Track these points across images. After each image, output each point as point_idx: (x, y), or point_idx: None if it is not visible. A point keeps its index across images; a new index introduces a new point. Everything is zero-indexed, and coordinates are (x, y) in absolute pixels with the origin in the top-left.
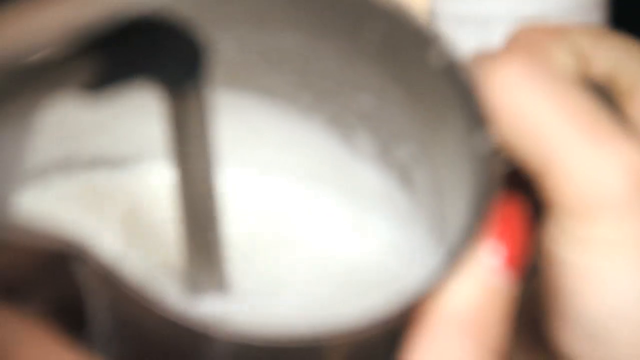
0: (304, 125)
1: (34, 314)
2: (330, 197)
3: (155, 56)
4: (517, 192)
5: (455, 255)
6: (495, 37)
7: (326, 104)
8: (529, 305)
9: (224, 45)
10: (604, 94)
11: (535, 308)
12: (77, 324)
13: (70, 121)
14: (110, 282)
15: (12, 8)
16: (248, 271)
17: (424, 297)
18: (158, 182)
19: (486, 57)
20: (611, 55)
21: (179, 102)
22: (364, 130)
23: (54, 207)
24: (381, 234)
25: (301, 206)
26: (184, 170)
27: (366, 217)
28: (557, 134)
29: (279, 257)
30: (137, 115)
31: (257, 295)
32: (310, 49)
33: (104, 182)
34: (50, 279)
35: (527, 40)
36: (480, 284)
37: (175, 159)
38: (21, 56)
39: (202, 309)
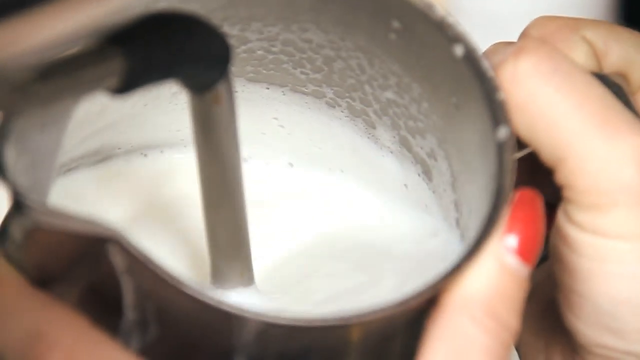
0: (327, 119)
1: (70, 302)
2: (353, 186)
3: (183, 53)
4: (532, 178)
5: (473, 241)
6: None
7: (348, 100)
8: (543, 289)
9: (253, 44)
10: (617, 87)
11: (550, 292)
12: (111, 312)
13: (107, 112)
14: (147, 266)
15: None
16: (272, 261)
17: (446, 281)
18: (186, 170)
19: (502, 49)
20: (623, 50)
21: (207, 97)
22: (385, 124)
23: (87, 195)
24: (401, 223)
25: (326, 195)
26: (210, 163)
27: (388, 206)
28: (572, 124)
29: (303, 246)
30: (166, 105)
31: (281, 285)
32: (333, 47)
33: (134, 170)
34: (88, 265)
35: (541, 33)
36: (499, 267)
37: (201, 152)
38: (52, 54)
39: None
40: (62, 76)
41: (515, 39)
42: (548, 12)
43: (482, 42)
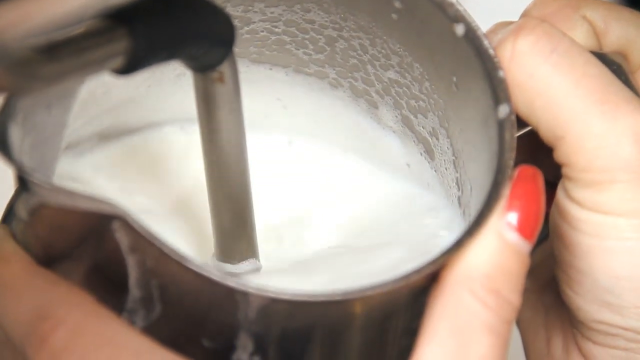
0: (330, 99)
1: (75, 280)
2: (355, 165)
3: (188, 33)
4: (532, 157)
5: (474, 218)
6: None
7: (350, 80)
8: (544, 266)
9: (256, 25)
10: (616, 66)
11: (550, 270)
12: (116, 291)
13: (112, 94)
14: (151, 243)
15: None
16: (275, 239)
17: (447, 257)
18: (191, 151)
19: (502, 29)
20: (623, 29)
21: (211, 77)
22: (387, 104)
23: (91, 175)
24: (403, 200)
25: (328, 174)
26: (215, 142)
27: (390, 185)
28: (570, 102)
29: (306, 223)
30: (170, 86)
31: (284, 262)
32: (335, 27)
33: (138, 150)
34: (93, 243)
35: (542, 12)
36: (500, 243)
37: (206, 132)
38: (57, 33)
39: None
40: (67, 56)
41: (515, 18)
42: None
43: (482, 21)
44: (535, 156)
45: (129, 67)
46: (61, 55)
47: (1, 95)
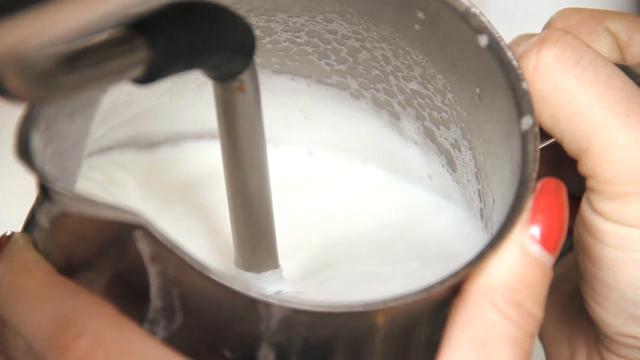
0: (351, 110)
1: (96, 290)
2: (378, 176)
3: (208, 42)
4: (556, 169)
5: (497, 230)
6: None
7: (372, 91)
8: (567, 279)
9: (278, 35)
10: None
11: (573, 283)
12: (138, 300)
13: (134, 103)
14: (173, 252)
15: None
16: (296, 248)
17: (469, 270)
18: (212, 160)
19: (525, 40)
20: None
21: (231, 86)
22: (409, 116)
23: (114, 184)
24: (425, 214)
25: (350, 184)
26: (235, 151)
27: (412, 197)
28: (594, 114)
29: (326, 233)
30: (192, 96)
31: (305, 272)
32: (358, 38)
33: (161, 160)
34: (114, 252)
35: (566, 24)
36: (522, 255)
37: (226, 141)
38: (77, 43)
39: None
40: (86, 66)
41: (539, 30)
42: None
43: (506, 33)
44: (558, 168)
45: (148, 77)
46: (81, 65)
47: (23, 104)
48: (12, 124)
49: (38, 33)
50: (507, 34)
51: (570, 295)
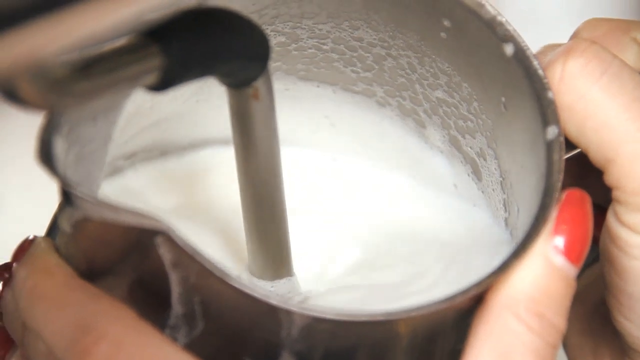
0: (377, 118)
1: (118, 295)
2: (403, 184)
3: (222, 49)
4: (581, 180)
5: (521, 240)
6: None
7: (398, 99)
8: (592, 291)
9: (304, 42)
10: None
11: (598, 294)
12: (159, 306)
13: (158, 108)
14: (195, 258)
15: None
16: (315, 254)
17: (492, 279)
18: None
19: (551, 50)
20: None
21: (245, 93)
22: (435, 124)
23: (138, 191)
24: (449, 222)
25: (374, 192)
26: (249, 158)
27: (436, 206)
28: (620, 125)
29: (346, 239)
30: (216, 101)
31: (324, 278)
32: (384, 45)
33: (185, 166)
34: (136, 258)
35: (592, 34)
36: (546, 266)
37: (240, 148)
38: (92, 50)
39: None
40: (100, 73)
41: (562, 34)
42: (596, 8)
43: (529, 38)
44: (584, 179)
45: (163, 84)
46: (94, 72)
47: (36, 112)
48: (36, 128)
49: (51, 41)
50: (530, 38)
51: (595, 306)
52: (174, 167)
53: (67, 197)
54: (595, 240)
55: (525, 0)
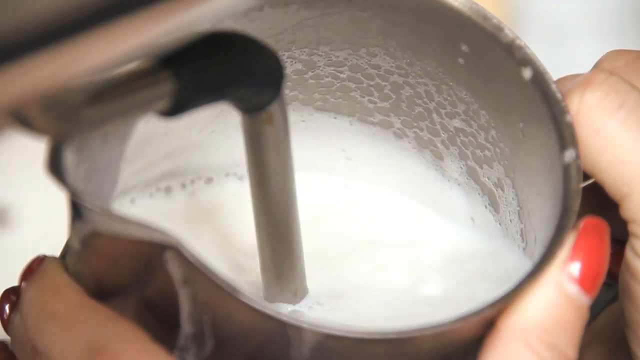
0: (395, 151)
1: (127, 315)
2: (421, 216)
3: (235, 74)
4: (600, 212)
5: (535, 264)
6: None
7: (416, 130)
8: (613, 328)
9: (320, 70)
10: None
11: (619, 331)
12: (168, 326)
13: (172, 136)
14: (205, 274)
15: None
16: (327, 276)
17: (504, 303)
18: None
19: (570, 80)
20: None
21: (259, 118)
22: (452, 155)
23: (151, 217)
24: (466, 252)
25: (392, 223)
26: (263, 184)
27: (452, 235)
28: (636, 160)
29: (361, 267)
30: (232, 131)
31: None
32: (401, 73)
33: (198, 197)
34: (145, 275)
35: (613, 66)
36: (559, 294)
37: (254, 173)
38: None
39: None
40: (111, 98)
41: (575, 43)
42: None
43: (551, 61)
44: (602, 210)
45: (175, 109)
46: (105, 98)
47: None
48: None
49: (63, 68)
50: (544, 50)
51: (617, 343)
52: (189, 199)
53: (76, 210)
54: (615, 277)
55: (549, 23)
